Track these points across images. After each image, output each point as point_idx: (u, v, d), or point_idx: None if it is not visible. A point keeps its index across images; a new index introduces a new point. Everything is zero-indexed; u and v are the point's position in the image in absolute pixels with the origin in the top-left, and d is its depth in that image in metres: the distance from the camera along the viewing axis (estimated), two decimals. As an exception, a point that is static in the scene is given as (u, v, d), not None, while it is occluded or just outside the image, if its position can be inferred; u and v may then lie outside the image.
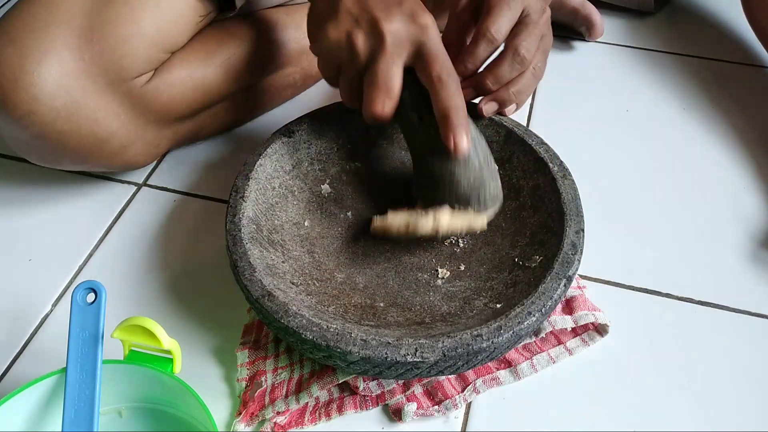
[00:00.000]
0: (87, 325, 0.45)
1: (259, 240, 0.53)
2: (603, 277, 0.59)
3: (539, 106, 0.75)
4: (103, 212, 0.65)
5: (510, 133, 0.59)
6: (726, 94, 0.76)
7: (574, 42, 0.84)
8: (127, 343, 0.47)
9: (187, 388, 0.45)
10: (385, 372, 0.46)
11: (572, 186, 0.54)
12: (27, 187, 0.68)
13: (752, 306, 0.56)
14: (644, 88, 0.77)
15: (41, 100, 0.53)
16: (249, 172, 0.56)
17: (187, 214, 0.65)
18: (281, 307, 0.47)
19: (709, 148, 0.70)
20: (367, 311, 0.52)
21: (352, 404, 0.50)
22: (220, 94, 0.65)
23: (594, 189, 0.64)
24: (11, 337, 0.56)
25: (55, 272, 0.60)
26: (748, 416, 0.50)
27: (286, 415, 0.50)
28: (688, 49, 0.82)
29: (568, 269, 0.49)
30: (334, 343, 0.45)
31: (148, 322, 0.45)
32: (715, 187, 0.66)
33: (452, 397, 0.50)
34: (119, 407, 0.49)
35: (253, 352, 0.53)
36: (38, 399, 0.46)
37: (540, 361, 0.52)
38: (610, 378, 0.52)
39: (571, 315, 0.53)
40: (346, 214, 0.60)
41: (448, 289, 0.54)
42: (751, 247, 0.61)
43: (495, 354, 0.47)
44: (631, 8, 0.87)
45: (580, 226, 0.52)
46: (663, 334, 0.55)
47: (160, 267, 0.60)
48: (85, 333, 0.45)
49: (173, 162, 0.70)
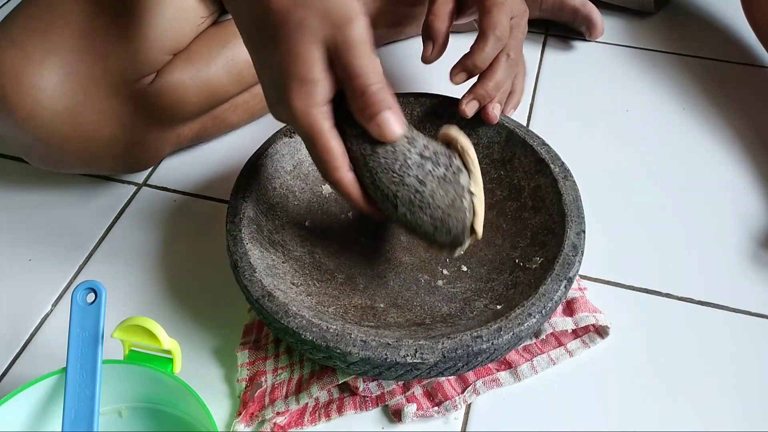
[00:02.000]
0: (87, 325, 0.45)
1: (259, 240, 0.53)
2: (603, 277, 0.59)
3: (539, 106, 0.75)
4: (103, 212, 0.65)
5: (511, 133, 0.59)
6: (726, 94, 0.76)
7: (575, 42, 0.83)
8: (127, 343, 0.47)
9: (187, 388, 0.45)
10: (384, 373, 0.46)
11: (573, 187, 0.54)
12: (27, 187, 0.68)
13: (752, 306, 0.56)
14: (644, 88, 0.77)
15: (43, 103, 0.53)
16: (250, 172, 0.56)
17: (187, 214, 0.65)
18: (281, 307, 0.47)
19: (709, 148, 0.70)
20: (367, 312, 0.52)
21: (351, 405, 0.50)
22: (223, 96, 0.65)
23: (593, 189, 0.64)
24: (11, 337, 0.56)
25: (55, 272, 0.60)
26: (749, 416, 0.50)
27: (286, 416, 0.50)
28: (688, 49, 0.82)
29: (569, 271, 0.49)
30: (334, 343, 0.45)
31: (148, 322, 0.45)
32: (715, 187, 0.66)
33: (452, 398, 0.50)
34: (119, 407, 0.49)
35: (253, 352, 0.53)
36: (38, 399, 0.46)
37: (540, 363, 0.52)
38: (611, 379, 0.52)
39: (571, 317, 0.53)
40: (347, 215, 0.60)
41: (448, 290, 0.54)
42: (751, 247, 0.61)
43: (495, 355, 0.47)
44: (631, 8, 0.87)
45: (581, 227, 0.52)
46: (663, 333, 0.55)
47: (160, 267, 0.60)
48: (85, 333, 0.45)
49: (173, 162, 0.70)
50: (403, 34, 0.83)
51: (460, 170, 0.46)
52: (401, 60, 0.81)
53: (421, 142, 0.46)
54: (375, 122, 0.43)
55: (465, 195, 0.46)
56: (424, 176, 0.45)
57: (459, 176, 0.46)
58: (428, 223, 0.46)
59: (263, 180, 0.57)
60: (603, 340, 0.54)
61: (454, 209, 0.46)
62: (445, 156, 0.46)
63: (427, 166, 0.45)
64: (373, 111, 0.43)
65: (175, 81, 0.61)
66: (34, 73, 0.52)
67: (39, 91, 0.53)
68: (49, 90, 0.53)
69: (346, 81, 0.43)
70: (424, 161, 0.45)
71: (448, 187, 0.46)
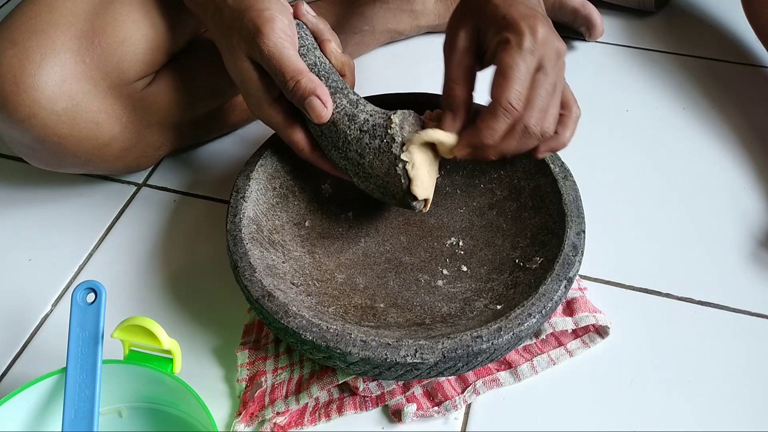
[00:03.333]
0: (87, 324, 0.45)
1: (259, 240, 0.53)
2: (603, 277, 0.59)
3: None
4: (103, 212, 0.65)
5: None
6: (726, 94, 0.76)
7: (574, 42, 0.83)
8: (127, 343, 0.47)
9: (187, 388, 0.45)
10: (384, 373, 0.46)
11: (573, 187, 0.54)
12: (27, 187, 0.68)
13: (752, 306, 0.56)
14: (644, 88, 0.77)
15: (42, 103, 0.53)
16: (250, 172, 0.56)
17: (187, 214, 0.65)
18: (281, 307, 0.47)
19: (709, 148, 0.70)
20: (368, 312, 0.52)
21: (351, 405, 0.50)
22: (222, 96, 0.65)
23: (594, 189, 0.64)
24: (11, 337, 0.56)
25: (55, 272, 0.60)
26: (749, 416, 0.50)
27: (286, 416, 0.50)
28: (688, 49, 0.82)
29: (569, 271, 0.49)
30: (334, 343, 0.45)
31: (148, 322, 0.45)
32: (715, 187, 0.66)
33: (452, 398, 0.50)
34: (119, 407, 0.49)
35: (253, 352, 0.53)
36: (38, 399, 0.46)
37: (540, 363, 0.52)
38: (611, 379, 0.52)
39: (571, 317, 0.53)
40: (347, 215, 0.60)
41: (448, 290, 0.54)
42: (751, 247, 0.61)
43: (495, 355, 0.47)
44: (631, 7, 0.87)
45: (581, 227, 0.52)
46: (663, 333, 0.55)
47: (160, 267, 0.60)
48: (85, 333, 0.45)
49: (173, 162, 0.70)
50: (402, 35, 0.83)
51: (393, 140, 0.50)
52: (401, 60, 0.81)
53: (363, 116, 0.52)
54: (305, 109, 0.51)
55: (398, 163, 0.50)
56: (362, 149, 0.52)
57: (391, 146, 0.50)
58: (375, 189, 0.53)
59: (263, 180, 0.57)
60: (603, 340, 0.53)
61: (390, 176, 0.51)
62: (381, 128, 0.51)
63: (365, 139, 0.51)
64: (299, 101, 0.51)
65: (174, 81, 0.61)
66: (34, 74, 0.53)
67: (38, 92, 0.53)
68: (48, 90, 0.53)
69: (275, 80, 0.51)
70: (362, 135, 0.52)
71: (383, 157, 0.51)
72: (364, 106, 0.53)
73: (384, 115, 0.52)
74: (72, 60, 0.54)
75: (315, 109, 0.50)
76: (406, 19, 0.81)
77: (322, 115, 0.51)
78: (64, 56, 0.54)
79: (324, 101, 0.51)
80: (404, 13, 0.81)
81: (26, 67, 0.52)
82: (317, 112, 0.51)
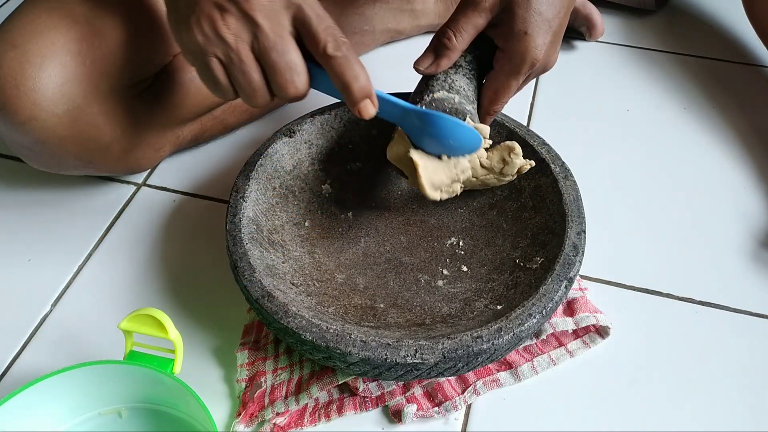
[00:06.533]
0: None
1: (259, 240, 0.53)
2: (603, 277, 0.59)
3: (539, 107, 0.75)
4: (103, 212, 0.65)
5: (512, 133, 0.59)
6: (726, 93, 0.76)
7: (575, 42, 0.83)
8: (128, 343, 0.47)
9: (187, 389, 0.45)
10: (384, 373, 0.46)
11: (574, 187, 0.54)
12: (27, 188, 0.68)
13: (752, 306, 0.56)
14: (644, 88, 0.77)
15: (42, 105, 0.53)
16: (249, 172, 0.56)
17: (187, 214, 0.65)
18: (281, 307, 0.47)
19: (709, 148, 0.70)
20: (367, 312, 0.52)
21: (351, 405, 0.50)
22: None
23: (594, 189, 0.64)
24: (11, 337, 0.56)
25: (55, 272, 0.60)
26: (749, 416, 0.50)
27: (286, 416, 0.50)
28: (688, 49, 0.82)
29: (569, 271, 0.49)
30: (334, 344, 0.45)
31: (156, 312, 0.46)
32: (715, 187, 0.66)
33: (452, 398, 0.50)
34: (119, 407, 0.49)
35: (253, 352, 0.53)
36: (37, 399, 0.46)
37: (540, 363, 0.52)
38: (611, 380, 0.52)
39: (572, 317, 0.53)
40: (347, 215, 0.60)
41: (448, 290, 0.53)
42: (751, 247, 0.61)
43: (495, 356, 0.47)
44: (631, 6, 0.87)
45: (581, 227, 0.52)
46: (664, 334, 0.55)
47: (160, 267, 0.60)
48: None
49: (173, 162, 0.70)
50: (403, 35, 0.83)
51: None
52: (401, 60, 0.81)
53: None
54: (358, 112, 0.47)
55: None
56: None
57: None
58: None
59: (263, 180, 0.57)
60: (604, 340, 0.53)
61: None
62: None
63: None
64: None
65: (174, 83, 0.61)
66: (34, 76, 0.52)
67: (39, 94, 0.52)
68: (48, 92, 0.53)
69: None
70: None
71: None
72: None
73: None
74: (72, 62, 0.54)
75: (369, 110, 0.47)
76: (407, 19, 0.81)
77: (372, 114, 0.48)
78: (65, 58, 0.53)
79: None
80: (404, 13, 0.81)
81: (27, 70, 0.52)
82: (371, 113, 0.47)
